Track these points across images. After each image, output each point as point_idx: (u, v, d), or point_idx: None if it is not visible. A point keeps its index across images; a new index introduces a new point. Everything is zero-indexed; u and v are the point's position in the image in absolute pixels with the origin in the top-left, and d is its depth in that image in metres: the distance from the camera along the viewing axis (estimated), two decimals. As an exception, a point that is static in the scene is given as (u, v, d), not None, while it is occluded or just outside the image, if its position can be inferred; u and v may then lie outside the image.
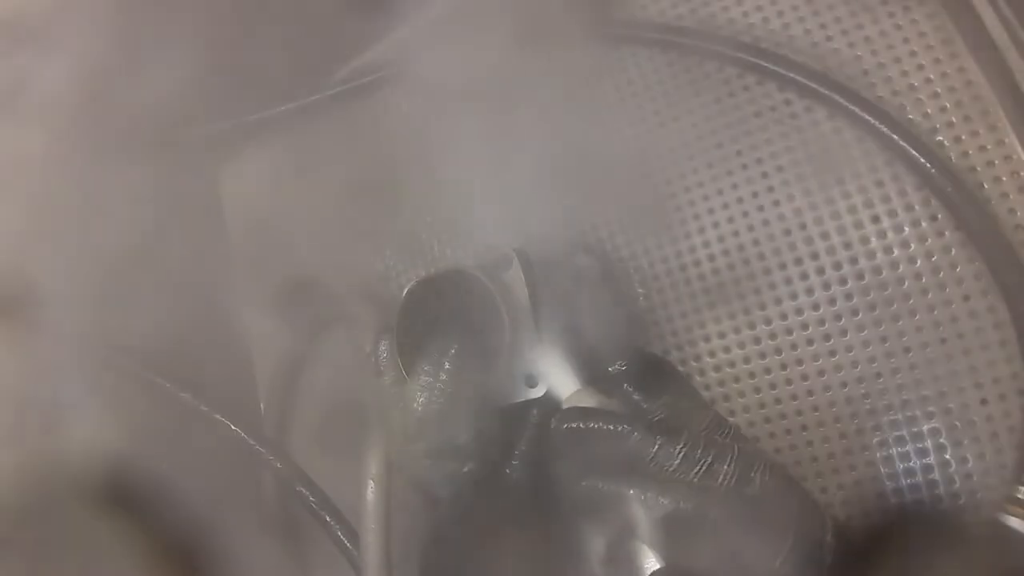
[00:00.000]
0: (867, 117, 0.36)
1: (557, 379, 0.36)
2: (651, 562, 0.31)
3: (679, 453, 0.31)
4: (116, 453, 0.40)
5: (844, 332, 0.37)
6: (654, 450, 0.31)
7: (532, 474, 0.36)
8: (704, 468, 0.30)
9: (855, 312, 0.37)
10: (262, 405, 0.55)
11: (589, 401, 0.35)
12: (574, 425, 0.33)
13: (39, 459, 0.38)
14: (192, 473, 0.42)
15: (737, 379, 0.39)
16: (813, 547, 0.29)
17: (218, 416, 0.45)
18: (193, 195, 0.58)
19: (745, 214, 0.40)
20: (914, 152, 0.35)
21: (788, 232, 0.39)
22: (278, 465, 0.44)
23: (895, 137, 0.36)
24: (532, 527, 0.34)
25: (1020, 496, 0.32)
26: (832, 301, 0.38)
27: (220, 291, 0.55)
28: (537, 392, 0.36)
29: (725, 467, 0.30)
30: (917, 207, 0.36)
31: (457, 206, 0.48)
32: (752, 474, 0.30)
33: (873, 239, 0.37)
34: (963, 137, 0.36)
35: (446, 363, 0.35)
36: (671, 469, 0.30)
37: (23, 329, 0.41)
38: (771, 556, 0.29)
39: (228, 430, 0.45)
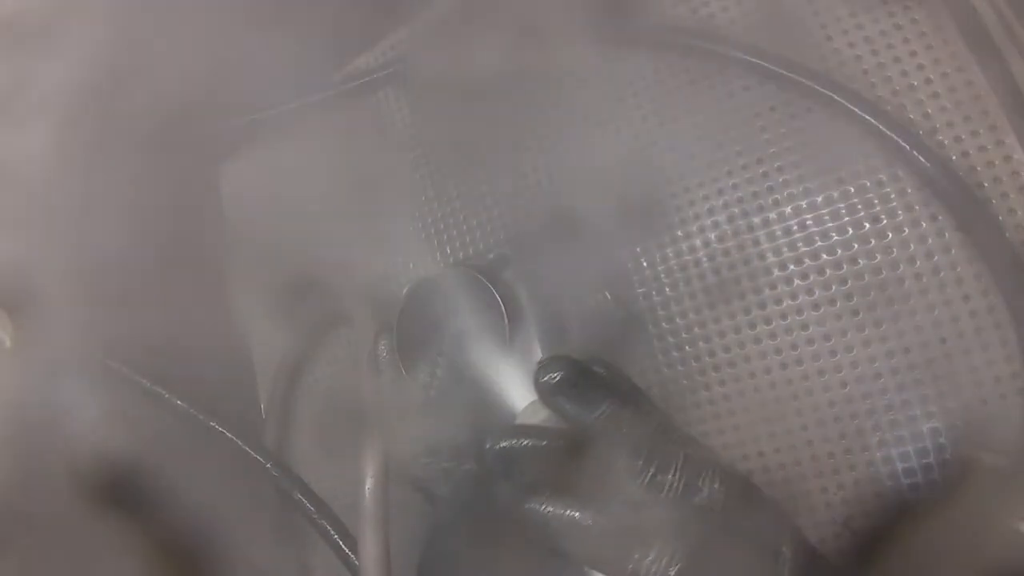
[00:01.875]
0: (867, 117, 0.36)
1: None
2: None
3: (618, 466, 0.28)
4: (116, 454, 0.40)
5: (844, 332, 0.37)
6: (589, 466, 0.29)
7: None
8: (647, 479, 0.28)
9: (855, 312, 0.37)
10: (263, 406, 0.55)
11: (542, 413, 0.33)
12: (504, 444, 0.31)
13: (39, 459, 0.38)
14: (192, 473, 0.42)
15: (737, 379, 0.39)
16: (766, 559, 0.27)
17: (214, 424, 0.45)
18: (193, 195, 0.58)
19: (745, 214, 0.40)
20: (914, 152, 0.35)
21: (788, 232, 0.39)
22: (275, 474, 0.44)
23: (895, 137, 0.36)
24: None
25: (1020, 496, 0.32)
26: (832, 301, 0.38)
27: (220, 291, 0.55)
28: None
29: (670, 477, 0.28)
30: (917, 207, 0.36)
31: (456, 206, 0.48)
32: (700, 483, 0.28)
33: (873, 239, 0.37)
34: (963, 137, 0.36)
35: (446, 363, 0.35)
36: (610, 484, 0.28)
37: (23, 329, 0.41)
38: (718, 568, 0.27)
39: (224, 438, 0.45)
